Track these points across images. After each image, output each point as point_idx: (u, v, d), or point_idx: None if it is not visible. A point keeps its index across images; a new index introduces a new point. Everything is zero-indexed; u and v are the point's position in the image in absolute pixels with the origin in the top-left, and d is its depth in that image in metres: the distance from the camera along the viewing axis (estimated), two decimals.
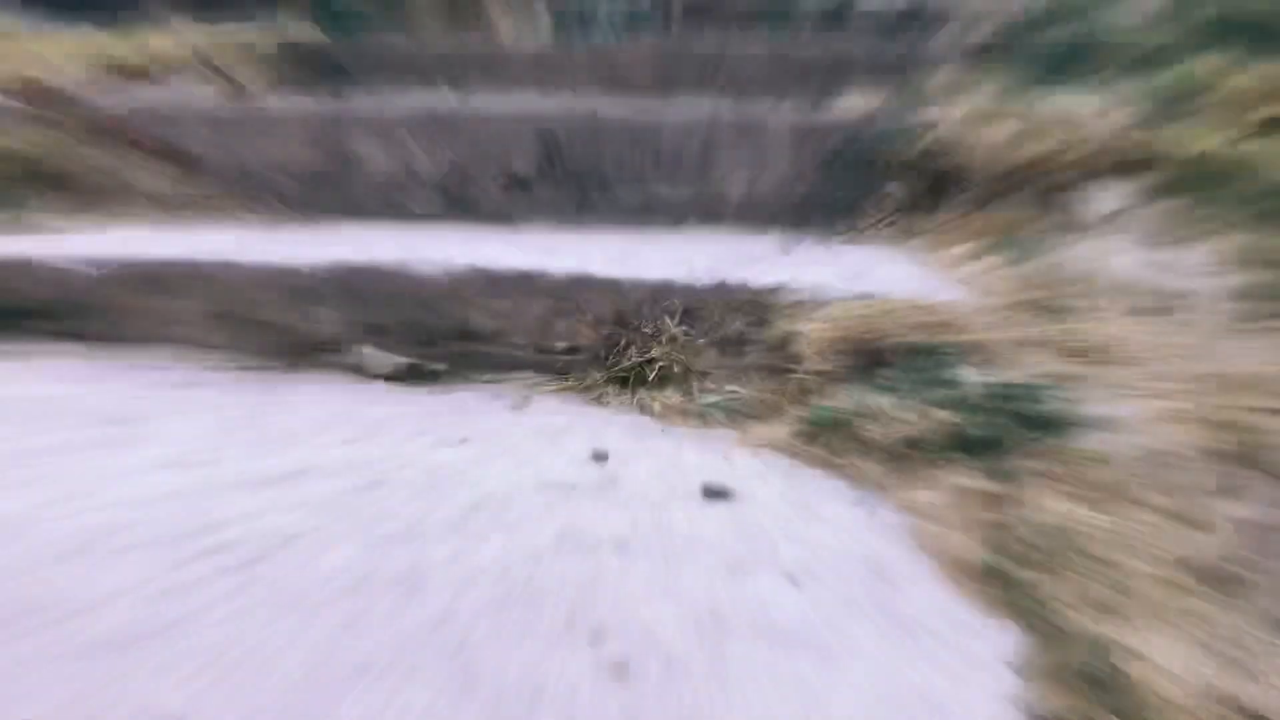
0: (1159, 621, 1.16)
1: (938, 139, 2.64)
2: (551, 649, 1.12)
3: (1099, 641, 1.10)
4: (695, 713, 1.02)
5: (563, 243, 2.55)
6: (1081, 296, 1.95)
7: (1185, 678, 1.05)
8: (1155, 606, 1.19)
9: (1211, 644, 1.13)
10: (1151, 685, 1.03)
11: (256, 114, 3.00)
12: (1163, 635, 1.13)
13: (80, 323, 2.24)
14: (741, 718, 1.01)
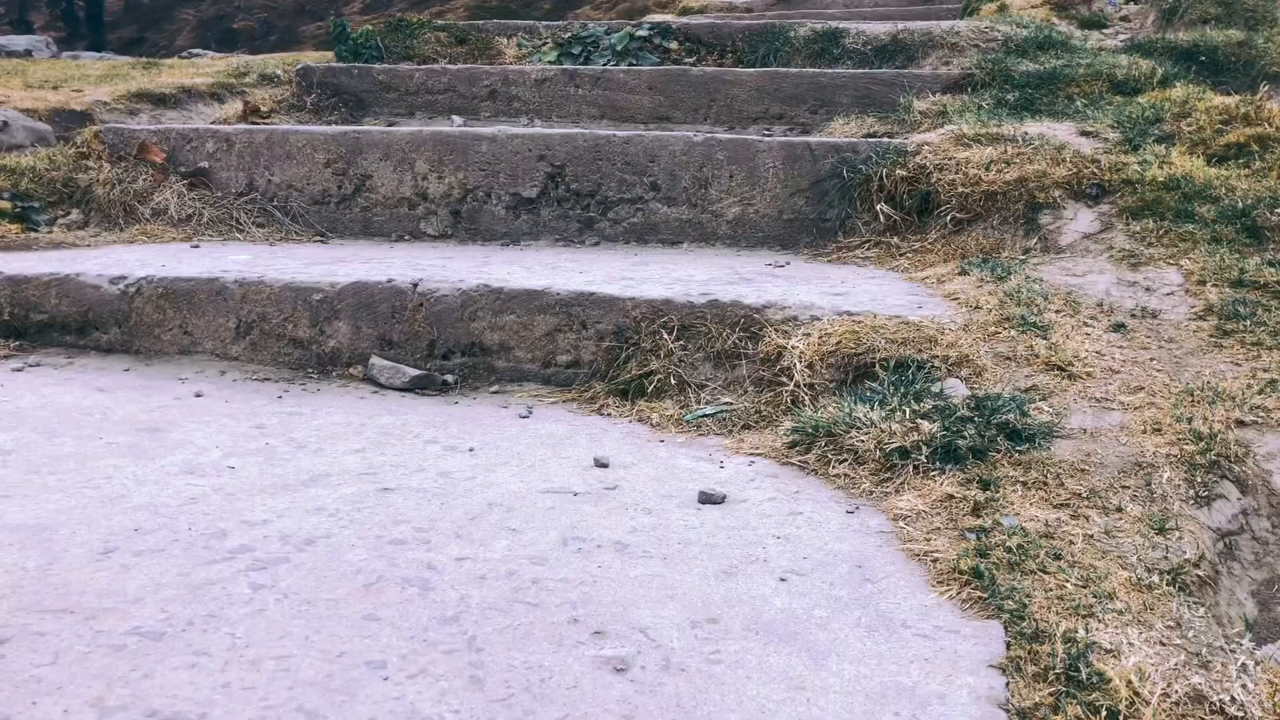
0: (1133, 622, 1.16)
1: (921, 163, 2.65)
2: (556, 645, 1.12)
3: (1076, 641, 1.10)
4: (691, 706, 1.02)
5: (566, 261, 2.56)
6: (1060, 313, 1.95)
7: (1156, 675, 1.04)
8: (1129, 608, 1.19)
9: (1181, 644, 1.13)
10: (1125, 682, 1.03)
11: (275, 138, 3.01)
12: (1136, 635, 1.12)
13: (108, 336, 2.24)
14: (734, 711, 1.01)
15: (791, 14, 6.66)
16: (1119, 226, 2.29)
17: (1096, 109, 2.95)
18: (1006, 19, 4.42)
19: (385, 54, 4.56)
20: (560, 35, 4.75)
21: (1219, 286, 1.99)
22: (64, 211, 2.89)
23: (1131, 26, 4.79)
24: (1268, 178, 2.36)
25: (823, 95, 3.74)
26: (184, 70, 5.98)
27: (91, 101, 4.60)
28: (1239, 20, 4.03)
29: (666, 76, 3.90)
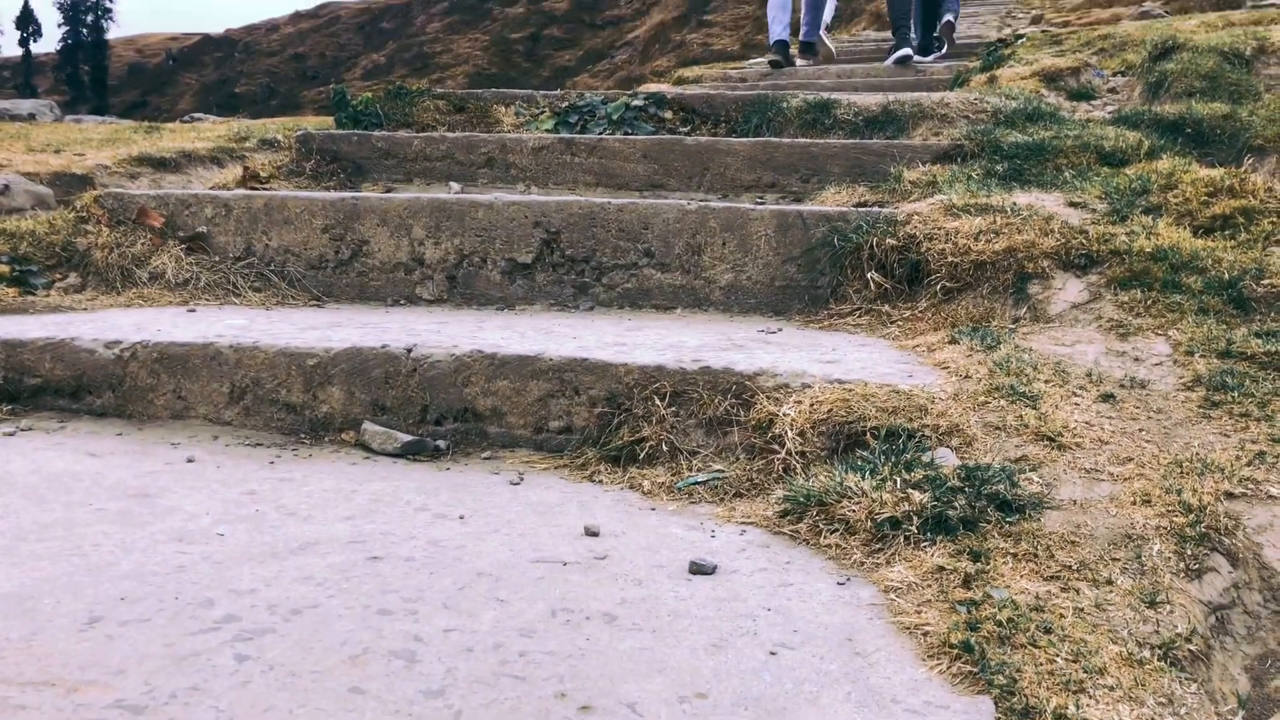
0: (1124, 699, 1.15)
1: (911, 232, 2.67)
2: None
3: (1067, 718, 1.09)
4: None
5: (561, 326, 2.57)
6: (1049, 383, 1.96)
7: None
8: (1120, 684, 1.18)
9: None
10: None
11: (274, 204, 3.04)
12: (1128, 712, 1.11)
13: (101, 400, 2.24)
14: None
15: (784, 85, 6.77)
16: (1107, 297, 2.31)
17: (1084, 180, 2.99)
18: (996, 91, 4.50)
19: (385, 121, 4.62)
20: (558, 104, 4.82)
21: (1207, 357, 2.01)
22: (62, 275, 2.91)
23: (1119, 98, 4.87)
24: (1253, 249, 2.39)
25: (814, 164, 3.78)
26: (185, 135, 6.05)
27: (93, 165, 4.65)
28: (1223, 94, 4.10)
29: (661, 145, 3.95)
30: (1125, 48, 5.51)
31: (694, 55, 30.69)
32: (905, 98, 4.37)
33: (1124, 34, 6.00)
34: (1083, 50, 5.80)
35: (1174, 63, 4.49)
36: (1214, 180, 2.71)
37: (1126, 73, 5.08)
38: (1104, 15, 13.66)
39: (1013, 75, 5.08)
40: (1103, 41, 5.94)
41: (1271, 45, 4.54)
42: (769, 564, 1.56)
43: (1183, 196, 2.69)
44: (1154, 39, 4.87)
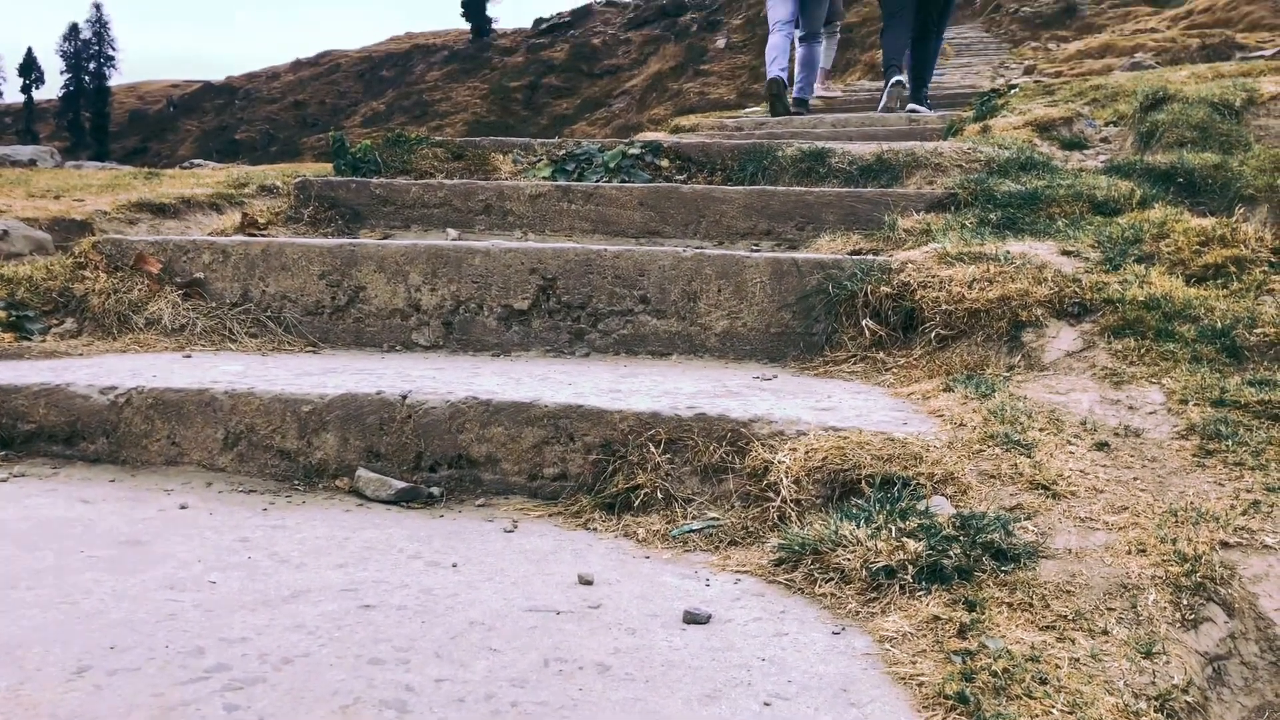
0: None
1: (905, 280, 2.69)
2: None
3: None
4: None
5: (556, 373, 2.57)
6: (1044, 431, 1.96)
7: None
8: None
9: None
10: None
11: (271, 250, 3.05)
12: None
13: (95, 446, 2.24)
14: None
15: (780, 133, 6.84)
16: (1101, 345, 2.32)
17: (1077, 229, 3.01)
18: (989, 140, 4.55)
19: (383, 168, 4.65)
20: (555, 152, 4.87)
21: (1201, 406, 2.01)
22: (58, 320, 2.91)
23: (1111, 148, 4.92)
24: (1245, 298, 2.40)
25: (809, 212, 3.81)
26: (184, 181, 6.09)
27: (92, 211, 4.67)
28: (1214, 144, 4.14)
29: (657, 193, 3.98)
30: (1117, 98, 5.58)
31: (691, 104, 31.02)
32: (899, 146, 4.42)
33: (1115, 85, 6.07)
34: (1075, 100, 5.87)
35: (1165, 113, 4.54)
36: (1206, 230, 2.73)
37: (1118, 123, 5.14)
38: (1096, 66, 13.85)
39: (1006, 125, 5.14)
40: (1095, 92, 6.01)
41: (1260, 96, 4.60)
42: (764, 613, 1.55)
43: (1175, 246, 2.71)
44: (1145, 90, 4.93)
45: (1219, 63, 8.93)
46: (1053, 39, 19.50)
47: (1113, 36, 16.95)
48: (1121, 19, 20.33)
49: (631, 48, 50.47)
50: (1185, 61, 11.93)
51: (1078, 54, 15.58)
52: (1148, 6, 21.29)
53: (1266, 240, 2.66)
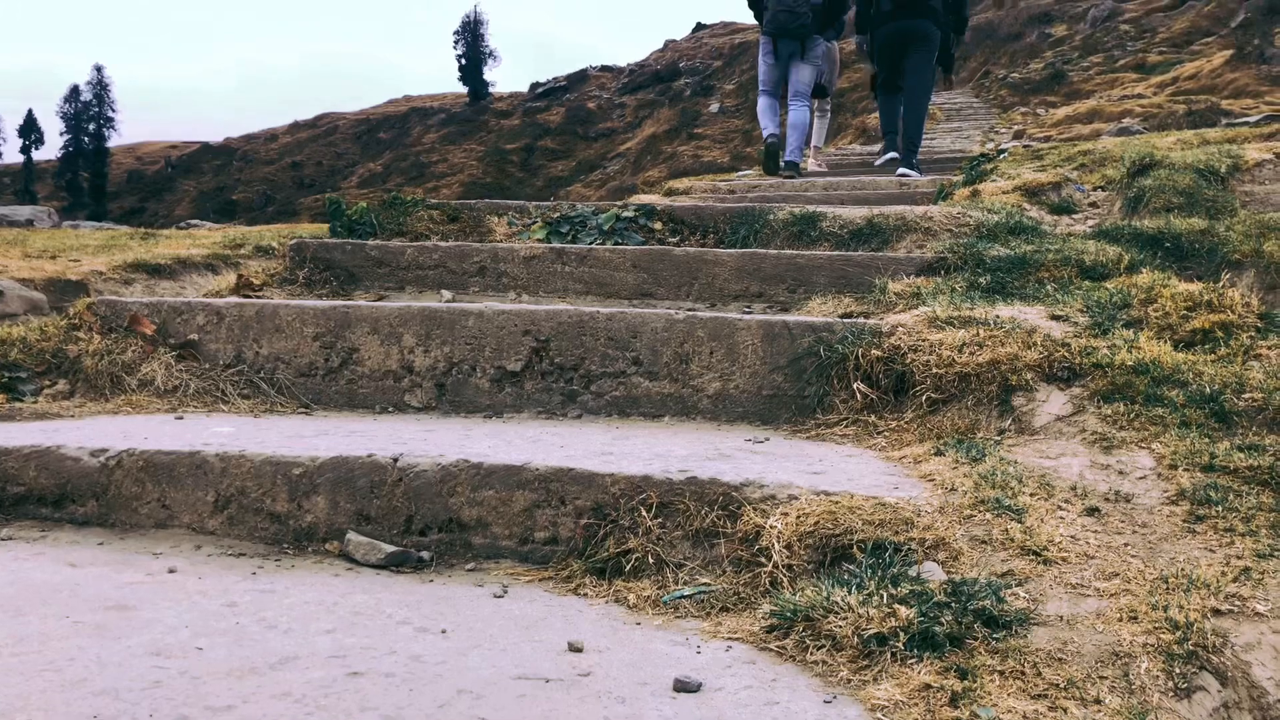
0: None
1: (896, 344, 2.71)
2: None
3: None
4: None
5: (548, 435, 2.57)
6: (1034, 496, 1.97)
7: None
8: None
9: None
10: None
11: (265, 312, 3.07)
12: None
13: (84, 509, 2.23)
14: None
15: (772, 197, 6.91)
16: (1090, 409, 2.33)
17: (1066, 293, 3.04)
18: (978, 205, 4.60)
19: (379, 230, 4.69)
20: (549, 215, 4.91)
21: (1190, 471, 2.02)
22: (51, 382, 2.91)
23: (1099, 212, 4.98)
24: (1233, 363, 2.42)
25: (801, 275, 3.84)
26: (181, 241, 6.13)
27: (88, 271, 4.70)
28: (1200, 209, 4.20)
29: (650, 255, 4.02)
30: (1105, 163, 5.66)
31: (684, 166, 31.37)
32: (889, 211, 4.47)
33: (1103, 150, 6.17)
34: (1063, 165, 5.95)
35: (1152, 179, 4.61)
36: (1193, 295, 2.76)
37: (1106, 187, 5.21)
38: (1084, 130, 14.06)
39: (995, 189, 5.20)
40: (1083, 157, 6.10)
41: (1246, 163, 4.67)
42: (755, 681, 1.54)
43: (1163, 310, 2.73)
44: (1132, 155, 5.01)
45: (1205, 129, 9.09)
46: (1041, 104, 19.82)
47: (1100, 102, 17.24)
48: (1109, 85, 20.69)
49: (626, 111, 51.16)
50: (1172, 127, 12.13)
51: (1066, 119, 15.84)
52: (1134, 73, 21.68)
53: (1253, 305, 2.69)
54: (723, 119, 40.84)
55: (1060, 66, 23.93)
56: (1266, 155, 4.79)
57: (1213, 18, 24.22)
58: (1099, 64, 23.62)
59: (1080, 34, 28.66)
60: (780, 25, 8.16)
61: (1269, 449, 2.06)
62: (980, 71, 27.65)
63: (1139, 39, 25.73)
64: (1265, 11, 19.68)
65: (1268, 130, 6.52)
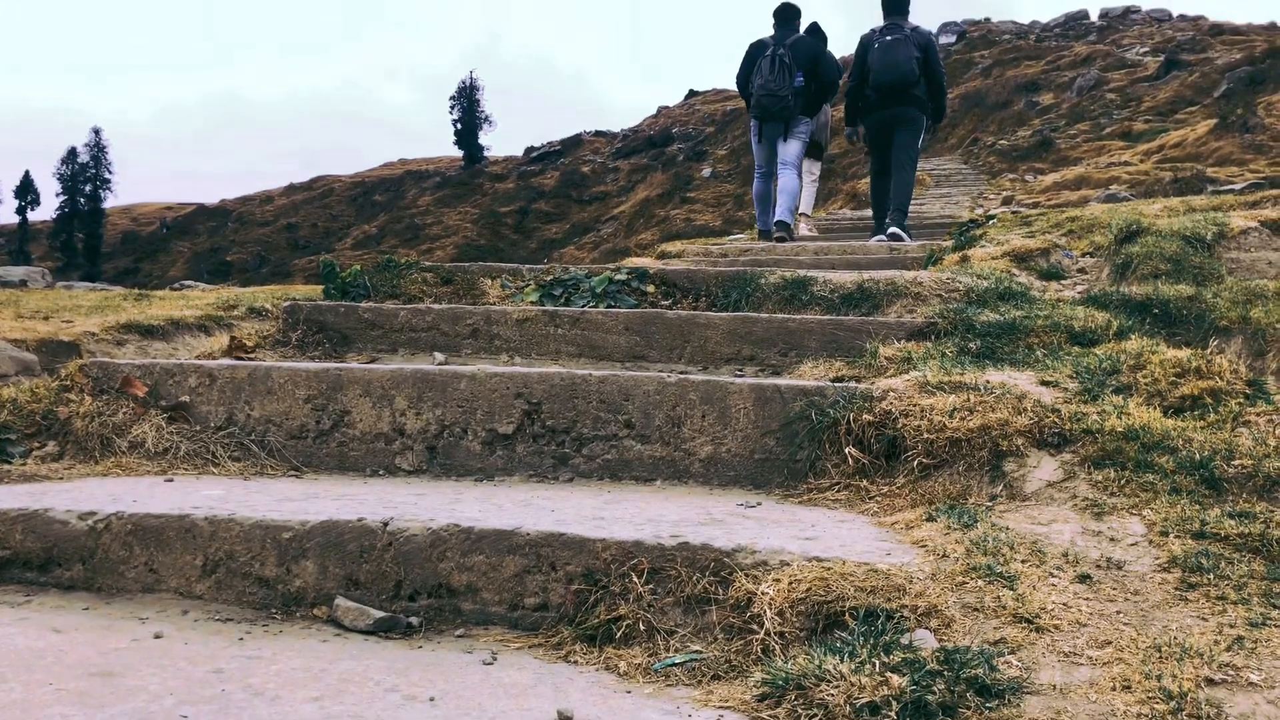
0: None
1: (887, 408, 2.72)
2: None
3: None
4: None
5: (539, 499, 2.57)
6: (1026, 563, 1.96)
7: None
8: None
9: None
10: None
11: (258, 374, 3.07)
12: None
13: (70, 573, 2.21)
14: None
15: (764, 260, 6.97)
16: (1081, 475, 2.33)
17: (1056, 359, 3.06)
18: (968, 270, 4.65)
19: (373, 292, 4.71)
20: (543, 278, 4.94)
21: (1182, 538, 2.02)
22: (40, 443, 2.90)
23: (1088, 278, 5.03)
24: (1222, 430, 2.43)
25: (792, 339, 3.86)
26: (174, 302, 6.15)
27: (80, 332, 4.71)
28: (1188, 276, 4.24)
29: (643, 319, 4.04)
30: (1093, 229, 5.73)
31: (677, 229, 31.65)
32: (880, 276, 4.51)
33: (1091, 217, 6.25)
34: (1052, 231, 6.02)
35: (1139, 245, 4.66)
36: (1182, 361, 2.78)
37: (1094, 254, 5.27)
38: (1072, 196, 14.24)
39: (984, 255, 5.26)
40: (1071, 223, 6.18)
41: (1231, 230, 4.73)
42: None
43: (1152, 377, 2.75)
44: (1120, 222, 5.07)
45: (1191, 196, 9.21)
46: (1029, 170, 20.10)
47: (1088, 169, 17.49)
48: (1096, 152, 21.01)
49: (620, 175, 51.72)
50: (1158, 194, 12.30)
51: (1054, 185, 16.05)
52: (1121, 141, 22.04)
53: (1241, 372, 2.71)
54: (715, 183, 41.29)
55: (1048, 134, 24.32)
56: (1251, 223, 4.86)
57: (1196, 87, 24.69)
58: (1086, 132, 24.02)
59: (1067, 102, 29.19)
60: (764, 109, 8.65)
61: (1259, 516, 2.07)
62: (969, 138, 28.07)
63: (1124, 107, 26.21)
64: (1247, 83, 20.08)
65: (1252, 198, 6.62)
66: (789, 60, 8.53)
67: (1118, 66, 32.61)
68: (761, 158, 9.12)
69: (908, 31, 8.44)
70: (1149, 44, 36.76)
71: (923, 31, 8.63)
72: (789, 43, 8.67)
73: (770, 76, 8.51)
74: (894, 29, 8.47)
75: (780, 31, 8.83)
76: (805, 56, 8.63)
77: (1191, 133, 18.93)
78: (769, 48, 8.66)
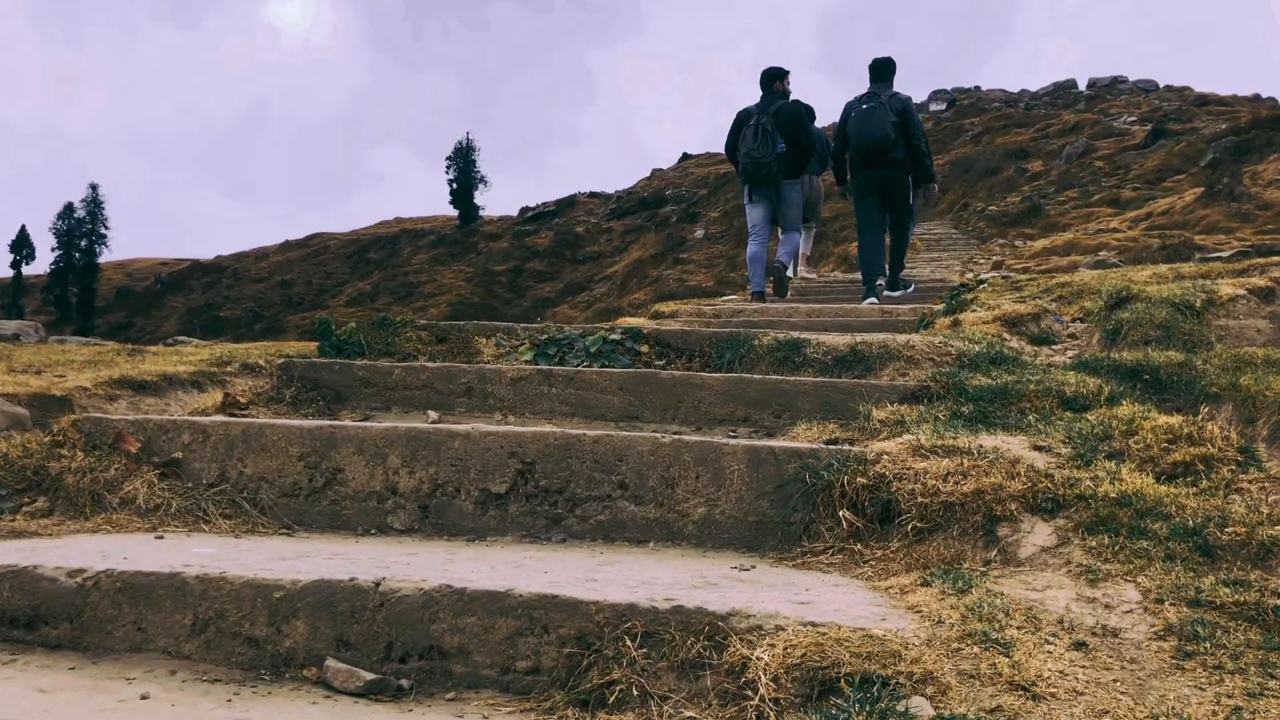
0: None
1: (881, 472, 2.72)
2: None
3: None
4: None
5: (532, 560, 2.55)
6: (1021, 630, 1.95)
7: None
8: None
9: None
10: None
11: (251, 431, 3.06)
12: None
13: (57, 632, 2.18)
14: None
15: (757, 322, 7.01)
16: (1075, 541, 2.33)
17: (1048, 424, 3.07)
18: (959, 335, 4.67)
19: (367, 349, 4.72)
20: (537, 336, 4.96)
21: (1177, 606, 2.01)
22: (30, 499, 2.88)
23: (1079, 343, 5.07)
24: (1215, 496, 2.44)
25: (785, 400, 3.87)
26: (167, 358, 6.14)
27: (73, 387, 4.69)
28: (1177, 342, 4.28)
29: (637, 378, 4.05)
30: (1082, 295, 5.78)
31: (670, 290, 31.79)
32: (872, 339, 4.54)
33: (1081, 282, 6.30)
34: (1042, 297, 6.07)
35: (1129, 312, 4.70)
36: (1173, 428, 2.79)
37: (1085, 319, 5.31)
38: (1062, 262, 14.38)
39: (976, 319, 5.29)
40: (1061, 289, 6.23)
41: (1220, 298, 4.78)
42: None
43: (1144, 443, 2.76)
44: (1109, 289, 5.12)
45: (1179, 263, 9.31)
46: (1019, 236, 20.31)
47: (1077, 235, 17.68)
48: (1085, 219, 21.25)
49: (614, 236, 52.09)
50: (1147, 260, 12.43)
51: (1044, 250, 16.21)
52: (1109, 207, 22.30)
53: (1232, 439, 2.72)
54: (708, 244, 41.58)
55: (1037, 200, 24.61)
56: (1240, 290, 4.90)
57: (1183, 156, 25.06)
58: (1074, 198, 24.31)
59: (1056, 169, 29.58)
60: (749, 174, 9.14)
61: (1254, 584, 2.06)
62: (959, 203, 28.39)
63: (1112, 175, 26.56)
64: (1233, 152, 20.38)
65: (1240, 265, 6.69)
66: (771, 128, 8.97)
67: (1106, 135, 33.14)
68: (755, 221, 9.47)
69: (884, 99, 8.91)
70: (1136, 113, 37.41)
71: (900, 97, 9.06)
72: (772, 110, 9.09)
73: (754, 145, 8.97)
74: (872, 98, 8.96)
75: (764, 99, 9.25)
76: (787, 123, 9.05)
77: (1179, 201, 19.17)
78: (753, 116, 9.07)
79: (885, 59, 9.28)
